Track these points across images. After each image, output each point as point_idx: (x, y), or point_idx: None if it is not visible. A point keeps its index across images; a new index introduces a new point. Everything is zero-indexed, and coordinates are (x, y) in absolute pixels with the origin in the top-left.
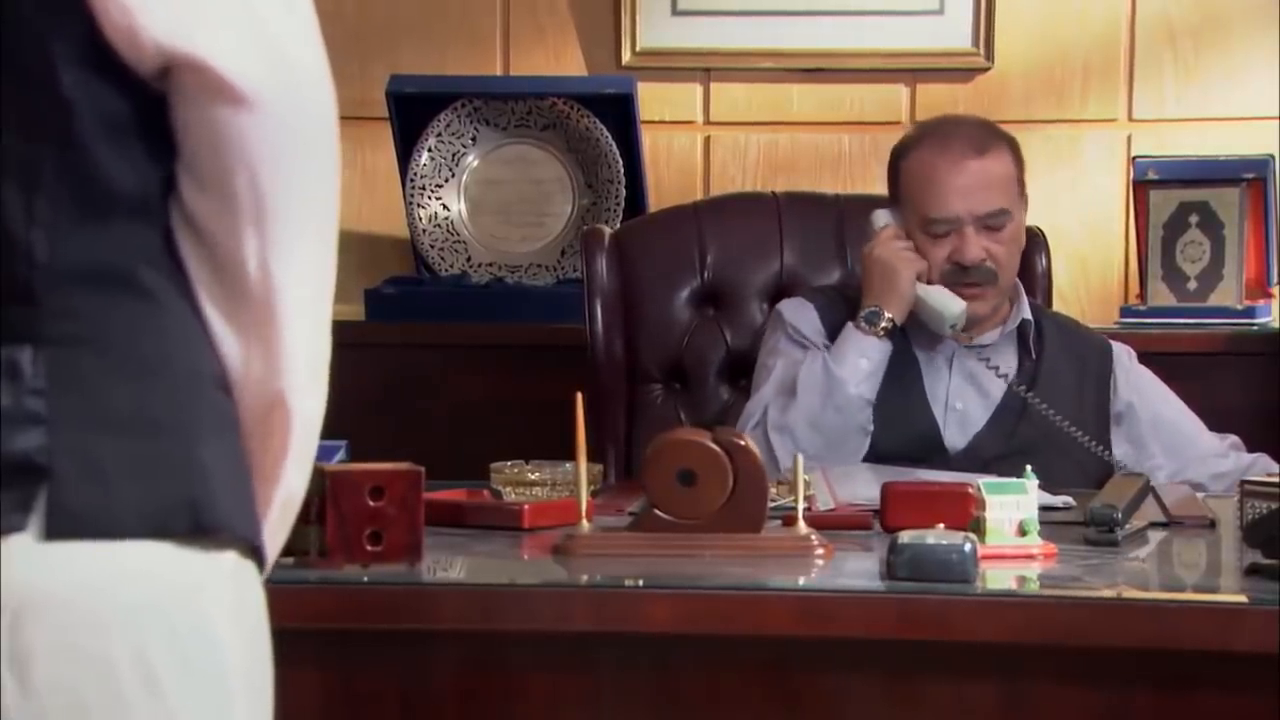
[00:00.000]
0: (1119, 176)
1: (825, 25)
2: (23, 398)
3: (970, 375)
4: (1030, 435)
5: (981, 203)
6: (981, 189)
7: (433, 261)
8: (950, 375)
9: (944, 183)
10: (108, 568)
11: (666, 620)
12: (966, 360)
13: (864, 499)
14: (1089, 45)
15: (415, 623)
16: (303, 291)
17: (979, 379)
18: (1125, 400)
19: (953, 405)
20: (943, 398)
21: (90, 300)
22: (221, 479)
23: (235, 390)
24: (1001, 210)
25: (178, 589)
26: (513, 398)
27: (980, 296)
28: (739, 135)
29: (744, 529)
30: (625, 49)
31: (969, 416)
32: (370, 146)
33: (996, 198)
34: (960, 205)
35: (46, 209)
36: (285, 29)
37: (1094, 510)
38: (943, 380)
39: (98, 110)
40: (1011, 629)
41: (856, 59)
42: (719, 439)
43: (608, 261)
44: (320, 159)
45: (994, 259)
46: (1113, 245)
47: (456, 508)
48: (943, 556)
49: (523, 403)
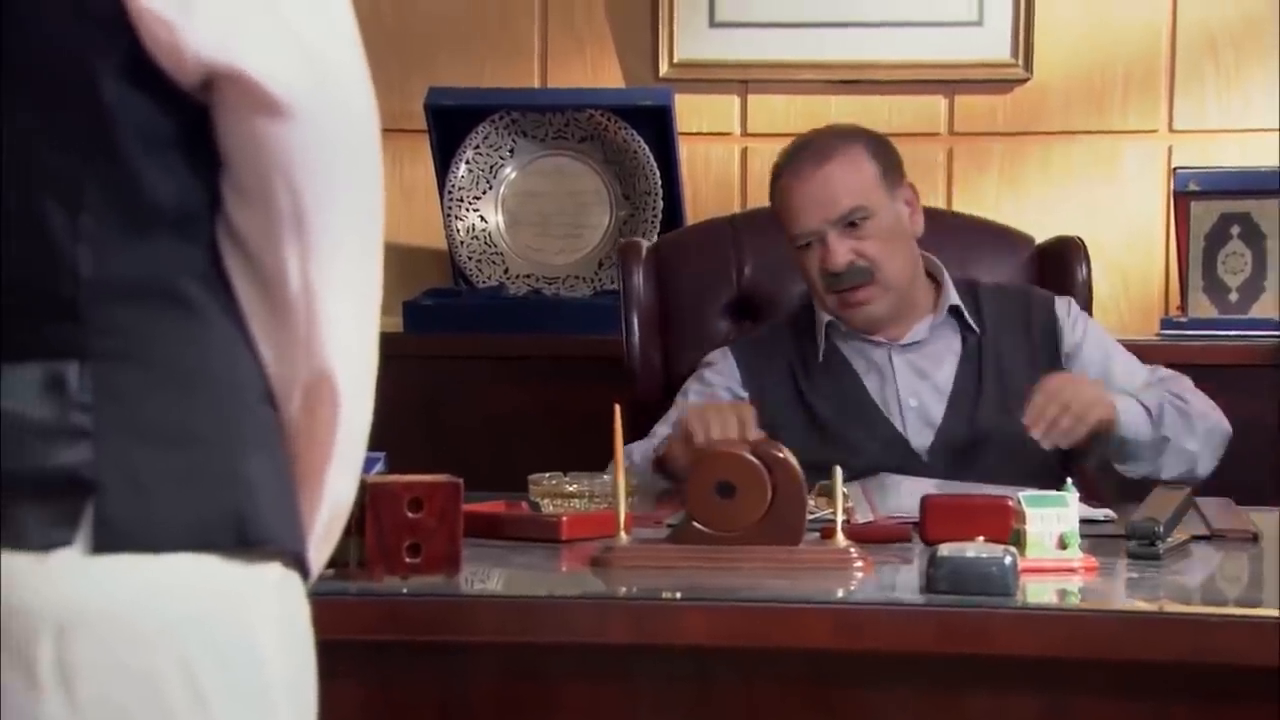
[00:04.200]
0: (1159, 188)
1: (864, 36)
2: (69, 412)
3: (916, 369)
4: (990, 415)
5: (831, 208)
6: (829, 195)
7: (470, 273)
8: (894, 376)
9: (794, 199)
10: (153, 581)
11: (704, 633)
12: (907, 356)
13: (903, 511)
14: (1129, 55)
15: (454, 634)
16: (346, 302)
17: (925, 371)
18: (1071, 343)
19: (907, 404)
20: (895, 399)
21: (134, 315)
22: (266, 491)
23: (279, 402)
24: (855, 208)
25: (223, 602)
26: (550, 409)
27: (865, 300)
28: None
29: (782, 541)
30: (663, 60)
31: (926, 411)
32: (408, 159)
33: (846, 198)
34: (813, 216)
35: (91, 224)
36: (326, 40)
37: (1135, 524)
38: (890, 383)
39: (140, 124)
40: (1052, 643)
41: (895, 70)
42: (758, 451)
43: (645, 274)
44: (361, 170)
45: (865, 257)
46: (1153, 257)
47: (495, 520)
48: (983, 569)
49: (560, 414)
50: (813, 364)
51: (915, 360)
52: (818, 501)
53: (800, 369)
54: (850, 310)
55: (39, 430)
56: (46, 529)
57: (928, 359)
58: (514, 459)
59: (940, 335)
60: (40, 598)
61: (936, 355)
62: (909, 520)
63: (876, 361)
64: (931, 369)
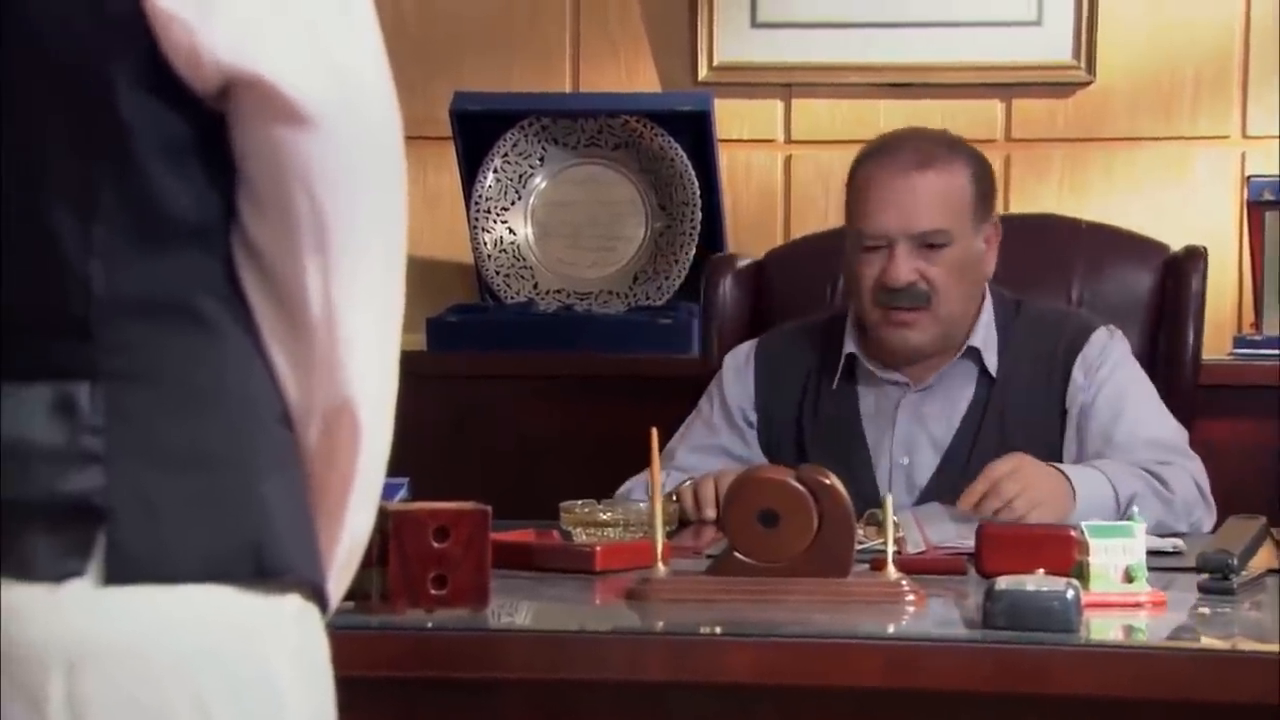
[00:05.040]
0: (1232, 197)
1: (915, 37)
2: (80, 436)
3: (920, 418)
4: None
5: (913, 221)
6: (916, 206)
7: (498, 288)
8: (893, 428)
9: (879, 196)
10: (167, 614)
11: (747, 670)
12: (915, 401)
13: (958, 541)
14: (1199, 57)
15: (481, 671)
16: (368, 321)
17: (928, 419)
18: (1084, 400)
19: (898, 462)
20: (887, 455)
21: (147, 332)
22: (284, 519)
23: (297, 425)
24: (938, 230)
25: (238, 635)
26: (582, 432)
27: (912, 324)
28: (822, 155)
29: (829, 573)
30: (702, 63)
31: (914, 473)
32: (433, 167)
33: (935, 216)
34: (891, 221)
35: (104, 237)
36: (349, 47)
37: (1207, 555)
38: (886, 435)
39: (157, 133)
40: (1118, 683)
41: (948, 73)
42: (803, 477)
43: (731, 291)
44: (385, 182)
45: (928, 281)
46: (1225, 270)
47: (524, 549)
48: (1043, 604)
49: (594, 438)
50: (825, 387)
51: (923, 406)
52: (866, 531)
53: (813, 388)
54: (892, 330)
55: (48, 455)
56: (57, 559)
57: (938, 403)
58: (544, 485)
59: (959, 372)
60: (50, 632)
61: (949, 399)
62: (964, 551)
63: (883, 408)
64: (937, 416)
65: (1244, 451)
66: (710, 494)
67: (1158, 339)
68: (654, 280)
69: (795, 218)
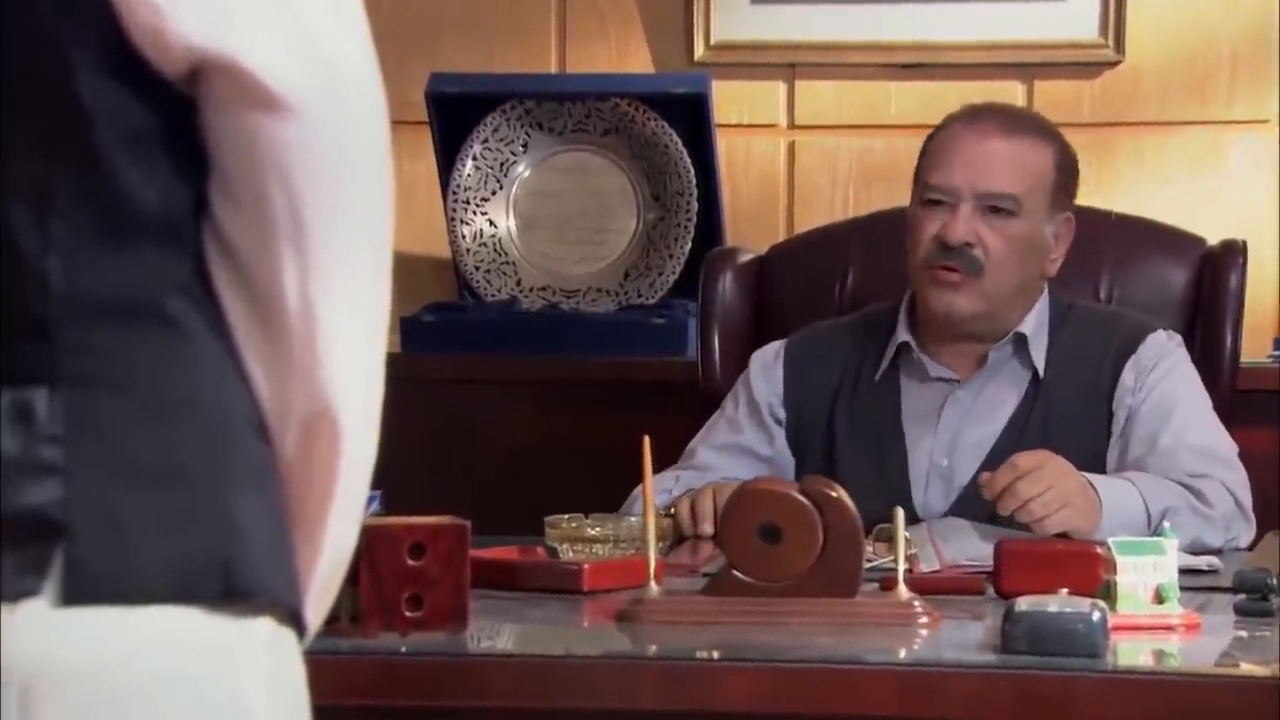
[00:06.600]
0: (1270, 186)
1: (928, 13)
2: (37, 445)
3: (965, 419)
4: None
5: (986, 179)
6: (993, 164)
7: (478, 285)
8: (936, 430)
9: (953, 149)
10: (130, 636)
11: (746, 698)
12: (963, 404)
13: (974, 559)
14: (1236, 35)
15: (459, 699)
16: (349, 321)
17: (976, 418)
18: (1131, 404)
19: (937, 464)
20: (927, 457)
21: (111, 334)
22: (257, 536)
23: (274, 433)
24: (1009, 195)
25: (207, 659)
26: (570, 441)
27: (958, 286)
28: (828, 141)
29: (835, 593)
30: (698, 42)
31: (953, 474)
32: (407, 154)
33: (1007, 180)
34: (962, 175)
35: (63, 233)
36: (328, 28)
37: (1244, 574)
38: (928, 436)
39: (120, 122)
40: (1147, 711)
41: (964, 52)
42: (807, 489)
43: (731, 288)
44: (367, 173)
45: (985, 247)
46: (1263, 265)
47: (506, 567)
48: (1067, 626)
49: (582, 447)
50: (864, 382)
51: (969, 406)
52: (876, 548)
53: (849, 384)
54: (937, 290)
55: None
56: (11, 577)
57: (984, 403)
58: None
59: (1006, 372)
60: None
61: (996, 400)
62: (982, 570)
63: (927, 406)
64: (982, 418)
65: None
66: (708, 507)
67: (1192, 340)
68: (646, 277)
69: (799, 209)
